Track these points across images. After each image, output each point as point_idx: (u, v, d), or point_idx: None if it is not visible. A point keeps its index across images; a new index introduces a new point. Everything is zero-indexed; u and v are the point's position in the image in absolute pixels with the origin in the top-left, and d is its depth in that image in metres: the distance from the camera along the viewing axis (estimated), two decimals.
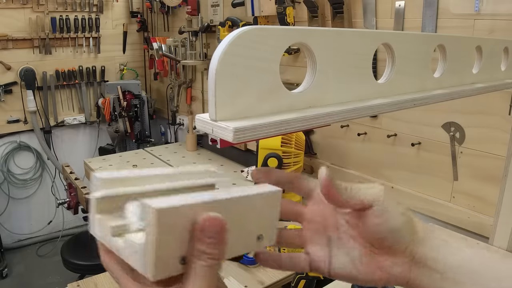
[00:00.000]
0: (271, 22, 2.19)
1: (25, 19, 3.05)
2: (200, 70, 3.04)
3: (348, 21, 1.81)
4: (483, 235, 1.46)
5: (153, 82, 3.72)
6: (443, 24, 1.52)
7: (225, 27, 2.42)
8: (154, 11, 3.46)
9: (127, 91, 3.26)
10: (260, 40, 0.36)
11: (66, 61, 3.29)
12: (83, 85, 3.42)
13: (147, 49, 3.55)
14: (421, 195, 1.68)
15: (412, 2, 1.60)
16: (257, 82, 0.37)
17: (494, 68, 0.72)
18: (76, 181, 2.47)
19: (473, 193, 1.52)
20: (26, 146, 3.29)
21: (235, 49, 0.34)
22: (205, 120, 0.36)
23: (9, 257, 3.22)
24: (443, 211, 1.60)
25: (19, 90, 3.15)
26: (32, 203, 3.40)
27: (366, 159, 1.90)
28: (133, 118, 3.30)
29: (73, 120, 3.43)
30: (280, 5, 1.96)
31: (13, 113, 3.18)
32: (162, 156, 2.75)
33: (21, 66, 3.10)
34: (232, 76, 0.35)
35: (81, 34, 3.29)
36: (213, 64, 0.34)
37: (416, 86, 0.55)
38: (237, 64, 0.35)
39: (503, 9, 1.34)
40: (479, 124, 1.47)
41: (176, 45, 2.92)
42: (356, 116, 0.45)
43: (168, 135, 3.50)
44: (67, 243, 2.41)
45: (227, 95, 0.35)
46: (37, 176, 3.38)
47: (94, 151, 3.56)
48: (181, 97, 3.23)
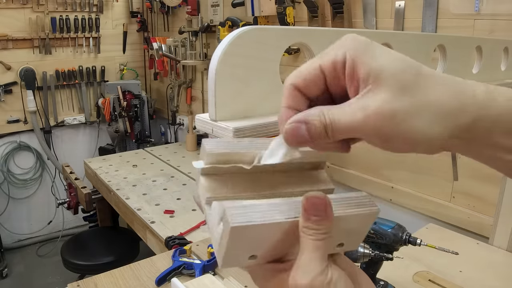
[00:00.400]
0: (271, 22, 2.19)
1: (25, 19, 3.05)
2: (200, 70, 3.04)
3: (348, 21, 1.81)
4: (483, 235, 1.46)
5: (153, 82, 3.72)
6: (443, 24, 1.52)
7: (225, 27, 2.42)
8: (154, 11, 3.46)
9: (127, 91, 3.26)
10: (260, 40, 0.36)
11: (66, 61, 3.29)
12: (83, 85, 3.42)
13: (147, 49, 3.55)
14: (421, 195, 1.68)
15: (412, 2, 1.60)
16: (257, 82, 0.37)
17: (494, 68, 0.72)
18: (76, 181, 2.47)
19: (473, 193, 1.52)
20: (26, 146, 3.29)
21: (235, 49, 0.34)
22: (205, 120, 0.37)
23: (9, 257, 3.22)
24: (443, 211, 1.60)
25: (19, 90, 3.15)
26: (32, 203, 3.39)
27: (366, 159, 1.90)
28: (133, 118, 3.30)
29: (73, 120, 3.43)
30: (280, 5, 1.96)
31: (13, 113, 3.18)
32: (162, 156, 2.75)
33: (21, 66, 3.10)
34: (232, 76, 0.35)
35: (81, 34, 3.29)
36: (213, 64, 0.34)
37: None
38: (237, 64, 0.35)
39: (503, 9, 1.34)
40: None
41: (176, 45, 2.92)
42: None
43: (168, 135, 3.50)
44: (67, 243, 2.41)
45: (227, 95, 0.35)
46: (37, 176, 3.38)
47: (94, 151, 3.56)
48: (181, 97, 3.23)
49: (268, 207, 0.31)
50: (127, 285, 1.22)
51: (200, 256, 1.36)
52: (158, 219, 1.82)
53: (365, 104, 0.28)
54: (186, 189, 2.19)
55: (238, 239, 0.30)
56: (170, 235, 1.61)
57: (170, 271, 1.24)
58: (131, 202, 2.01)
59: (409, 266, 1.24)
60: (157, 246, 1.72)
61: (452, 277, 1.19)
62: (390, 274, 1.16)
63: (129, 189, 2.18)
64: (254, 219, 0.29)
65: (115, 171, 2.45)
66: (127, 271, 1.29)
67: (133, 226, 1.98)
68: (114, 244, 2.37)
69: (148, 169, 2.50)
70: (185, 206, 1.97)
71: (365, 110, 0.28)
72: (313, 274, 0.29)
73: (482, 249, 1.36)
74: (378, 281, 1.11)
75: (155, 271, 1.28)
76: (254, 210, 0.30)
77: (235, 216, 0.29)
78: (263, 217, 0.30)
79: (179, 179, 2.33)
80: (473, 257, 1.30)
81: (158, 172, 2.45)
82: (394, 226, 1.04)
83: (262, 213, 0.30)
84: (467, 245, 1.39)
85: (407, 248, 1.05)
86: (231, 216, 0.29)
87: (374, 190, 1.86)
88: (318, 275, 0.30)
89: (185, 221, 1.79)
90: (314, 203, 0.30)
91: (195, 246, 1.43)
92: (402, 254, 1.17)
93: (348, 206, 0.32)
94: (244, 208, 0.30)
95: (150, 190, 2.16)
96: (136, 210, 1.91)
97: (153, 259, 1.37)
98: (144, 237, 1.87)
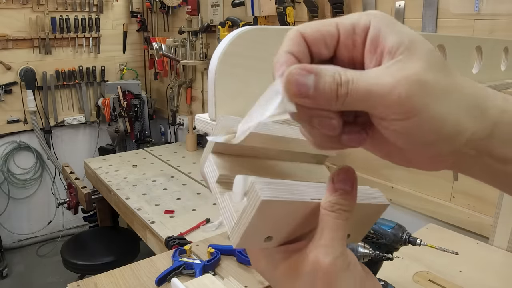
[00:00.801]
0: (271, 22, 2.19)
1: (25, 19, 3.05)
2: (200, 70, 3.04)
3: None
4: (483, 235, 1.46)
5: (153, 82, 3.72)
6: (443, 24, 1.52)
7: (225, 27, 2.42)
8: (154, 11, 3.46)
9: (127, 91, 3.26)
10: (260, 40, 0.36)
11: (66, 61, 3.29)
12: (83, 85, 3.42)
13: (147, 49, 3.55)
14: (421, 195, 1.68)
15: (412, 2, 1.60)
16: (257, 82, 0.37)
17: (494, 68, 0.72)
18: (76, 181, 2.47)
19: (473, 193, 1.52)
20: (26, 146, 3.29)
21: (235, 49, 0.34)
22: (205, 120, 0.37)
23: (9, 257, 3.22)
24: (443, 211, 1.60)
25: (19, 90, 3.15)
26: (32, 203, 3.39)
27: (366, 159, 1.90)
28: (133, 118, 3.30)
29: (73, 120, 3.43)
30: (280, 5, 1.96)
31: (13, 113, 3.18)
32: (162, 156, 2.76)
33: (21, 66, 3.10)
34: (232, 76, 0.35)
35: (81, 34, 3.29)
36: (213, 64, 0.34)
37: None
38: (236, 64, 0.35)
39: (503, 9, 1.34)
40: None
41: (176, 45, 2.92)
42: None
43: (168, 135, 3.50)
44: (67, 243, 2.41)
45: (227, 95, 0.35)
46: (37, 176, 3.38)
47: (94, 151, 3.56)
48: (181, 97, 3.23)
49: (294, 186, 0.30)
50: (127, 285, 1.22)
51: (200, 256, 1.36)
52: (158, 219, 1.82)
53: (393, 71, 0.25)
54: (186, 189, 2.19)
55: (264, 215, 0.29)
56: (170, 235, 1.61)
57: (170, 271, 1.24)
58: (131, 202, 2.01)
59: (409, 266, 1.24)
60: (157, 246, 1.72)
61: (452, 277, 1.19)
62: (390, 274, 1.16)
63: (129, 189, 2.18)
64: (283, 195, 0.29)
65: (115, 171, 2.45)
66: (127, 271, 1.29)
67: (133, 226, 1.98)
68: (114, 244, 2.37)
69: (148, 169, 2.50)
70: (185, 206, 1.97)
71: (394, 75, 0.25)
72: (336, 254, 0.29)
73: (482, 249, 1.36)
74: (378, 281, 1.11)
75: (155, 271, 1.28)
76: (281, 187, 0.29)
77: (264, 190, 0.28)
78: (292, 194, 0.29)
79: (179, 179, 2.33)
80: (473, 257, 1.30)
81: (158, 172, 2.45)
82: (394, 226, 1.04)
83: (290, 191, 0.29)
84: (467, 245, 1.39)
85: (407, 248, 1.05)
86: (261, 190, 0.28)
87: None
88: (340, 255, 0.29)
89: (185, 221, 1.79)
90: (345, 172, 0.30)
91: (195, 246, 1.43)
92: (402, 254, 1.17)
93: (362, 196, 0.32)
94: (271, 184, 0.29)
95: (150, 190, 2.16)
96: (136, 210, 1.92)
97: (153, 259, 1.37)
98: (144, 237, 1.87)
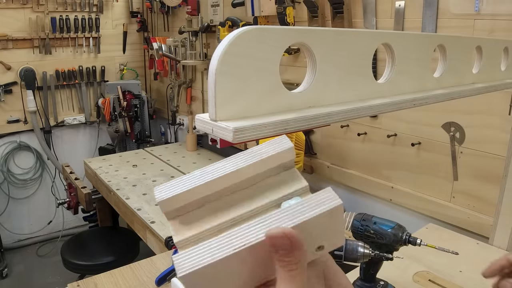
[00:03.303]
0: (271, 22, 2.19)
1: (25, 19, 3.05)
2: (200, 70, 3.04)
3: (348, 21, 1.81)
4: (483, 235, 1.46)
5: (153, 82, 3.72)
6: (443, 24, 1.52)
7: (225, 27, 2.42)
8: (154, 11, 3.46)
9: (127, 91, 3.26)
10: (260, 40, 0.36)
11: (66, 61, 3.29)
12: (83, 85, 3.42)
13: (147, 49, 3.55)
14: (421, 195, 1.68)
15: (412, 2, 1.60)
16: (257, 82, 0.37)
17: (494, 68, 0.72)
18: (76, 181, 2.47)
19: (473, 193, 1.52)
20: (26, 146, 3.29)
21: (235, 49, 0.34)
22: (205, 120, 0.36)
23: (9, 257, 3.22)
24: (443, 211, 1.60)
25: (19, 90, 3.15)
26: (32, 203, 3.39)
27: (366, 159, 1.90)
28: (133, 118, 3.30)
29: (73, 120, 3.43)
30: (280, 5, 1.96)
31: (13, 113, 3.18)
32: (162, 156, 2.76)
33: (21, 66, 3.10)
34: (232, 76, 0.35)
35: (81, 34, 3.29)
36: (213, 64, 0.34)
37: (416, 86, 0.55)
38: (237, 64, 0.35)
39: (503, 9, 1.34)
40: (479, 124, 1.47)
41: (176, 45, 2.92)
42: (356, 116, 0.45)
43: (168, 135, 3.50)
44: (67, 243, 2.41)
45: (227, 95, 0.35)
46: (37, 176, 3.38)
47: (94, 151, 3.56)
48: (181, 97, 3.23)
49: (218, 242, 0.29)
50: (127, 285, 1.22)
51: None
52: (158, 219, 1.82)
53: None
54: None
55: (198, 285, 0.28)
56: (170, 235, 1.61)
57: (170, 271, 1.24)
58: (131, 202, 2.01)
59: (409, 266, 1.24)
60: (157, 246, 1.72)
61: (452, 277, 1.19)
62: (390, 274, 1.16)
63: (129, 189, 2.18)
64: (203, 260, 0.28)
65: (115, 171, 2.45)
66: (127, 271, 1.29)
67: (133, 226, 1.98)
68: (114, 244, 2.37)
69: (148, 169, 2.50)
70: None
71: None
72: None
73: (482, 249, 1.36)
74: (378, 281, 1.11)
75: (155, 271, 1.28)
76: (202, 251, 0.29)
77: (181, 264, 0.28)
78: (213, 254, 0.28)
79: None
80: (473, 257, 1.30)
81: (158, 172, 2.45)
82: (394, 226, 1.04)
83: (210, 251, 0.29)
84: (467, 245, 1.39)
85: (407, 248, 1.05)
86: (178, 266, 0.28)
87: (374, 190, 1.86)
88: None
89: None
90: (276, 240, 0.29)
91: None
92: (402, 254, 1.17)
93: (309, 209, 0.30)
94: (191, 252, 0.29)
95: (150, 190, 2.16)
96: (136, 210, 1.92)
97: (153, 259, 1.37)
98: (144, 237, 1.87)
